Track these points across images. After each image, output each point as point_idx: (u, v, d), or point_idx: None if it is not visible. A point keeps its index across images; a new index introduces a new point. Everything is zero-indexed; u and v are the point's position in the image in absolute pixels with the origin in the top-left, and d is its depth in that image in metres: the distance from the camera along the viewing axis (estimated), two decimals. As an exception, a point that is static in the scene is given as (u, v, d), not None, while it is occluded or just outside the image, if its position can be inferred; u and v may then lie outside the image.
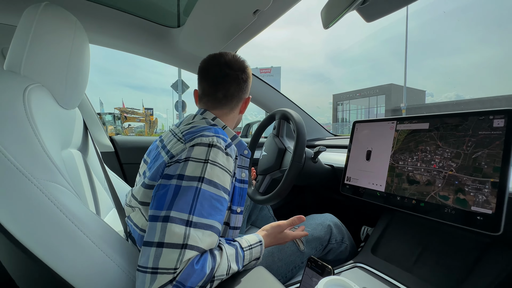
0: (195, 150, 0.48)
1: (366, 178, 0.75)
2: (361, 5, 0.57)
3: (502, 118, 0.51)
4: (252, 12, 0.71)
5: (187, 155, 0.48)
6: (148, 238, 0.43)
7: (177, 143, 0.52)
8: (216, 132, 0.52)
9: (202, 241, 0.44)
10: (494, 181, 0.49)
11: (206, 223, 0.45)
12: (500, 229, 0.47)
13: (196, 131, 0.52)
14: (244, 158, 0.62)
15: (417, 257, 0.66)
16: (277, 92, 1.34)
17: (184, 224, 0.43)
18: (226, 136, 0.54)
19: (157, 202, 0.45)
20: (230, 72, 0.63)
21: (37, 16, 0.50)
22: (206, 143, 0.49)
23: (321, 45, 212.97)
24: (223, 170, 0.49)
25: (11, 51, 0.51)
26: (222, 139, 0.52)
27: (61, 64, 0.54)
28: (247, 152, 0.63)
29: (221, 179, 0.49)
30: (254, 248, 0.54)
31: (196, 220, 0.44)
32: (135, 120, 17.86)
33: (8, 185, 0.37)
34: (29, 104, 0.43)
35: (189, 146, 0.49)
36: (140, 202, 0.54)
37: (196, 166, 0.47)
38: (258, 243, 0.56)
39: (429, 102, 35.54)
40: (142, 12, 0.85)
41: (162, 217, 0.43)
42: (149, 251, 0.41)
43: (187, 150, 0.49)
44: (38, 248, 0.38)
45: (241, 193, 0.60)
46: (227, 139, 0.53)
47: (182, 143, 0.51)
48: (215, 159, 0.49)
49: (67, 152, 0.63)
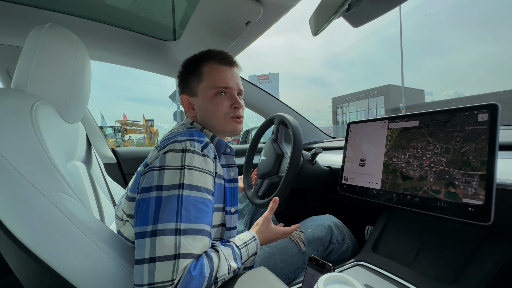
0: (168, 156, 0.48)
1: (362, 177, 0.77)
2: (346, 12, 0.61)
3: (485, 113, 0.53)
4: (244, 23, 0.75)
5: (161, 163, 0.47)
6: (139, 255, 0.42)
7: (154, 151, 0.52)
8: (191, 135, 0.52)
9: (194, 247, 0.44)
10: (482, 174, 0.51)
11: (195, 228, 0.45)
12: (491, 219, 0.48)
13: (171, 137, 0.52)
14: (228, 156, 0.62)
15: (416, 252, 0.68)
16: (273, 97, 1.37)
17: (173, 233, 0.42)
18: (203, 137, 0.54)
19: (140, 218, 0.45)
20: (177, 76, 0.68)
21: (42, 37, 0.53)
22: (179, 149, 0.48)
23: (316, 50, 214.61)
24: (202, 172, 0.49)
25: (18, 70, 0.54)
26: (196, 142, 0.51)
27: (64, 81, 0.57)
28: (230, 150, 0.62)
29: (201, 182, 0.48)
30: (249, 245, 0.55)
31: (185, 227, 0.44)
32: (136, 132, 17.96)
33: (19, 196, 0.39)
34: (36, 119, 0.46)
35: (162, 153, 0.48)
36: (127, 215, 0.55)
37: (173, 173, 0.46)
38: (252, 239, 0.56)
39: (428, 101, 35.59)
40: (139, 28, 0.89)
41: (149, 232, 0.42)
42: (142, 268, 0.41)
43: (160, 157, 0.48)
44: (48, 255, 0.40)
45: (232, 193, 0.59)
46: (203, 140, 0.53)
47: (157, 150, 0.51)
48: (191, 163, 0.48)
49: (72, 164, 0.65)
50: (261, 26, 0.78)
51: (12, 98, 0.47)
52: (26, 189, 0.39)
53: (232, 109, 0.62)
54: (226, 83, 0.61)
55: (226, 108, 0.61)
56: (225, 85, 0.61)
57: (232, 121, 0.63)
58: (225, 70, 0.62)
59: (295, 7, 0.72)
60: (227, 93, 0.62)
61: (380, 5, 0.61)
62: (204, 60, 0.62)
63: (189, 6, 0.79)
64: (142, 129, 18.34)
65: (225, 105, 0.61)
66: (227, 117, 0.62)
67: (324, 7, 0.59)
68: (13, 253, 0.43)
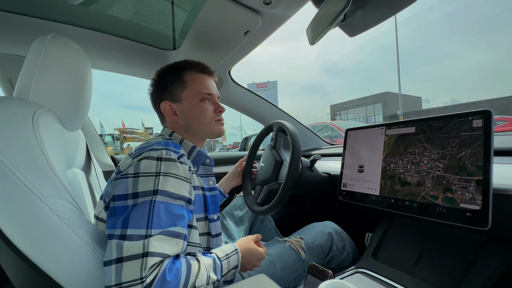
0: (143, 164, 0.48)
1: (361, 183, 0.78)
2: (342, 23, 0.62)
3: (480, 119, 0.54)
4: (243, 33, 0.77)
5: (135, 170, 0.47)
6: (107, 257, 0.42)
7: (127, 158, 0.53)
8: (167, 145, 0.52)
9: (164, 248, 0.43)
10: (478, 179, 0.51)
11: (167, 231, 0.45)
12: (488, 224, 0.48)
13: (146, 146, 0.53)
14: (207, 167, 0.63)
15: (416, 259, 0.67)
16: (272, 105, 1.39)
17: (143, 239, 0.42)
18: (178, 148, 0.55)
19: (112, 222, 0.45)
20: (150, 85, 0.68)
21: (45, 47, 0.54)
22: (155, 157, 0.49)
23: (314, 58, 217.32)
24: (178, 179, 0.49)
25: (21, 79, 0.55)
26: (172, 151, 0.51)
27: (66, 90, 0.58)
28: (209, 161, 0.64)
29: (176, 188, 0.49)
30: (231, 257, 0.54)
31: (155, 233, 0.43)
32: (135, 140, 17.95)
33: (18, 202, 0.39)
34: (37, 127, 0.46)
35: (137, 160, 0.49)
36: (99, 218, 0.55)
37: (148, 180, 0.46)
38: (234, 252, 0.56)
39: (425, 108, 35.96)
40: (140, 37, 0.91)
41: (117, 236, 0.43)
42: (110, 269, 0.41)
43: (134, 164, 0.48)
44: (46, 263, 0.40)
45: (213, 200, 0.61)
46: (178, 151, 0.54)
47: (131, 158, 0.51)
48: (167, 170, 0.48)
49: (72, 171, 0.65)
50: (259, 35, 0.80)
51: (14, 106, 0.48)
52: (26, 195, 0.40)
53: (216, 113, 0.67)
54: (210, 90, 0.66)
55: (211, 112, 0.66)
56: (209, 92, 0.66)
57: (218, 123, 0.68)
58: (206, 78, 0.68)
59: (293, 17, 0.74)
60: (209, 99, 0.67)
61: (375, 15, 0.63)
62: (186, 68, 0.66)
63: (189, 17, 0.81)
64: (141, 136, 18.34)
65: (210, 110, 0.66)
66: (212, 120, 0.67)
67: (321, 17, 0.60)
68: (10, 260, 0.43)
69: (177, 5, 0.80)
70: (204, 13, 0.70)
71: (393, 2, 0.56)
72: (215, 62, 0.97)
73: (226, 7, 0.66)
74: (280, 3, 0.64)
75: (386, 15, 0.62)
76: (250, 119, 1.42)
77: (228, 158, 1.48)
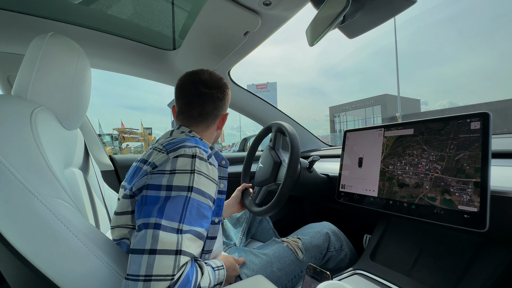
0: (179, 161, 0.49)
1: (360, 184, 0.78)
2: (341, 24, 0.63)
3: (478, 121, 0.54)
4: (243, 34, 0.77)
5: (172, 167, 0.48)
6: (138, 245, 0.42)
7: (159, 154, 0.53)
8: (197, 143, 0.53)
9: (192, 248, 0.45)
10: (476, 181, 0.52)
11: (194, 230, 0.46)
12: (486, 226, 0.49)
13: (177, 141, 0.53)
14: (222, 168, 0.63)
15: (414, 260, 0.67)
16: (271, 106, 1.39)
17: (175, 232, 0.44)
18: (206, 147, 0.56)
19: (145, 211, 0.45)
20: (206, 90, 0.64)
21: (44, 45, 0.54)
22: (189, 154, 0.50)
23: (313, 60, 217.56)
24: (208, 179, 0.51)
25: (19, 77, 0.54)
26: (203, 150, 0.53)
27: (64, 88, 0.57)
28: (225, 162, 0.64)
29: (207, 188, 0.50)
30: (220, 270, 0.57)
31: (186, 228, 0.45)
32: (134, 140, 17.90)
33: (15, 201, 0.39)
34: (35, 126, 0.46)
35: (173, 157, 0.49)
36: (117, 213, 0.56)
37: (183, 176, 0.48)
38: (221, 267, 0.59)
39: (424, 110, 36.10)
40: (140, 37, 0.91)
41: (152, 224, 0.43)
42: (140, 258, 0.41)
43: (170, 161, 0.49)
44: (43, 262, 0.40)
45: (219, 203, 0.61)
46: (207, 150, 0.55)
47: (164, 153, 0.51)
48: (200, 169, 0.50)
49: (69, 171, 0.65)
50: (259, 36, 0.81)
51: (12, 105, 0.48)
52: (23, 194, 0.39)
53: None
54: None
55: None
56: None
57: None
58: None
59: (292, 19, 0.74)
60: None
61: (374, 17, 0.63)
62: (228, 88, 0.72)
63: (189, 17, 0.81)
64: (140, 137, 18.31)
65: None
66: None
67: (320, 18, 0.61)
68: (6, 260, 0.42)
69: (177, 6, 0.80)
70: (204, 13, 0.70)
71: (392, 4, 0.56)
72: (214, 63, 0.97)
73: (226, 8, 0.66)
74: (280, 4, 0.65)
75: (385, 17, 0.62)
76: (249, 120, 1.42)
77: (229, 159, 1.49)
